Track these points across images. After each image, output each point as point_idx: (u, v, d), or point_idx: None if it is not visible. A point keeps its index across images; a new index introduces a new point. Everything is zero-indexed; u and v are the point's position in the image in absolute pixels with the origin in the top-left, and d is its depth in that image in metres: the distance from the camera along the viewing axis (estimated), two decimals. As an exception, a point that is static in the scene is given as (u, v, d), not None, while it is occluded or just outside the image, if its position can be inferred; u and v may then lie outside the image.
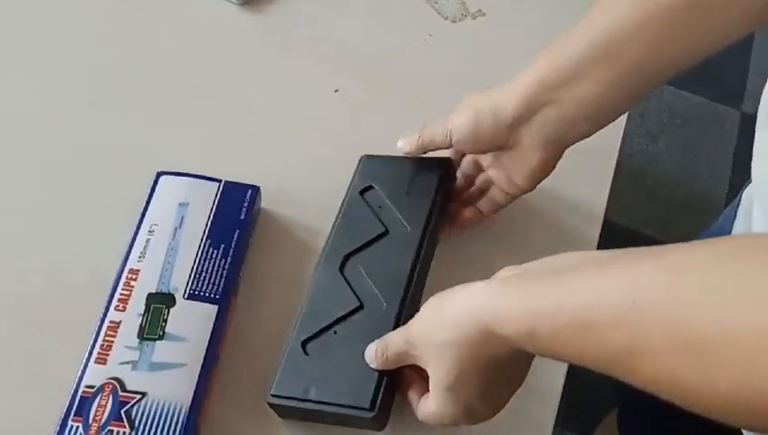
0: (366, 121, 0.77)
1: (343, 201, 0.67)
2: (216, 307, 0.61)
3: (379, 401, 0.55)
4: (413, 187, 0.66)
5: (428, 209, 0.64)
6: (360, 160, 0.70)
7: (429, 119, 0.76)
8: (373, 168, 0.69)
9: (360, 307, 0.60)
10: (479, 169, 0.68)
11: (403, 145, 0.66)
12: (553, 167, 0.62)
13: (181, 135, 0.75)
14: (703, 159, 1.81)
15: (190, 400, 0.56)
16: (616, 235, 1.71)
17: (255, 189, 0.67)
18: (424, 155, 0.67)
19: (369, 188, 0.67)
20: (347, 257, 0.63)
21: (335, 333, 0.59)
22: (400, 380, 0.57)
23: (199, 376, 0.57)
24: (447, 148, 0.64)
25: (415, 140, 0.65)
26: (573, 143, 0.61)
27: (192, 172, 0.68)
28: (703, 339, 0.33)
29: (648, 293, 0.36)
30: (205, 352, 0.59)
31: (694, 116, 1.86)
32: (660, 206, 1.75)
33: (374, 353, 0.55)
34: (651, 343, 0.36)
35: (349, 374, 0.56)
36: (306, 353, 0.58)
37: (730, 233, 0.64)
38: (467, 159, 0.69)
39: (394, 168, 0.68)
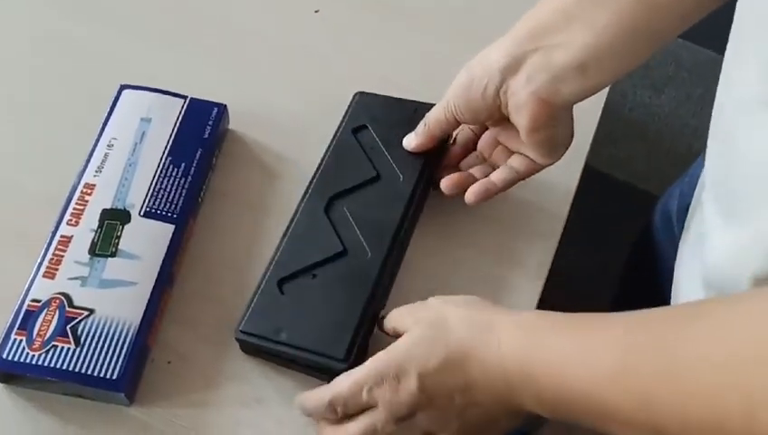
0: (347, 46, 0.73)
1: (334, 137, 0.64)
2: (172, 226, 0.59)
3: (353, 354, 0.53)
4: (409, 133, 0.62)
5: (423, 160, 0.61)
6: (353, 97, 0.66)
7: (415, 44, 0.72)
8: (368, 106, 0.65)
9: (344, 253, 0.57)
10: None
11: (409, 142, 0.61)
12: (562, 131, 0.56)
13: (149, 48, 0.72)
14: (707, 115, 1.76)
15: (140, 319, 0.55)
16: (613, 188, 1.68)
17: (222, 108, 0.64)
18: (423, 101, 0.63)
19: (363, 127, 0.64)
20: (333, 198, 0.60)
21: (314, 276, 0.56)
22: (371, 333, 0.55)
23: (151, 295, 0.55)
24: (456, 126, 0.59)
25: (421, 129, 0.60)
26: (569, 103, 0.54)
27: (158, 88, 0.65)
28: None
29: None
30: (158, 271, 0.57)
31: (701, 70, 1.81)
32: (660, 160, 1.72)
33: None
34: None
35: (324, 321, 0.54)
36: (282, 293, 0.56)
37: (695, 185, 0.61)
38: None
39: (390, 109, 0.64)
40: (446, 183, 0.59)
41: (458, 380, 0.46)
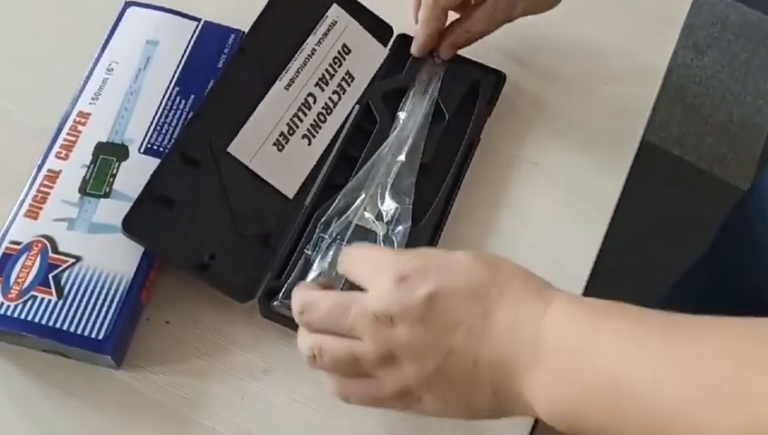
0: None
1: None
2: (176, 166, 0.51)
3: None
4: None
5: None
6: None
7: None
8: None
9: None
10: None
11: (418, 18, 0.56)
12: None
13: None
14: (750, 80, 1.67)
15: (133, 271, 0.48)
16: (647, 153, 1.60)
17: (239, 34, 0.57)
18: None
19: None
20: None
21: None
22: None
23: (147, 244, 0.48)
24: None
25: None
26: None
27: (167, 6, 0.57)
28: None
29: None
30: (157, 217, 0.49)
31: (748, 32, 1.71)
32: (697, 126, 1.63)
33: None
34: None
35: None
36: None
37: None
38: None
39: None
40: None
41: (475, 315, 0.38)
